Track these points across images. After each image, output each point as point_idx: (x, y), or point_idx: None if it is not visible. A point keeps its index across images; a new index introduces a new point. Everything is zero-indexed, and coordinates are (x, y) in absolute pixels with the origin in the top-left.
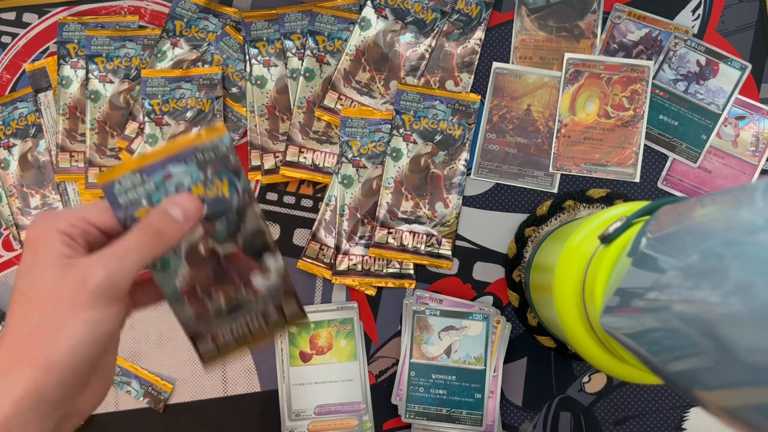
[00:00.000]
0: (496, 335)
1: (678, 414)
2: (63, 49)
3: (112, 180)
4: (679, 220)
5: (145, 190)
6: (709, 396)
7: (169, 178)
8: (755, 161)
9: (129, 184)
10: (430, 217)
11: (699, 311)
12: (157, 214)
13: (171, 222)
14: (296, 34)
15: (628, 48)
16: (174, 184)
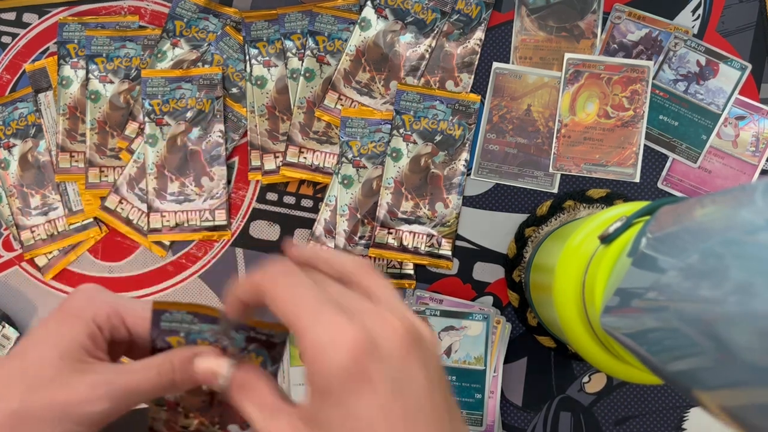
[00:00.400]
0: (496, 335)
1: (678, 414)
2: (63, 49)
3: (165, 309)
4: (679, 220)
5: (189, 327)
6: (708, 396)
7: (216, 331)
8: (755, 161)
9: (178, 319)
10: (430, 217)
11: (699, 311)
12: (183, 362)
13: (189, 374)
14: (296, 34)
15: (628, 48)
16: (216, 336)
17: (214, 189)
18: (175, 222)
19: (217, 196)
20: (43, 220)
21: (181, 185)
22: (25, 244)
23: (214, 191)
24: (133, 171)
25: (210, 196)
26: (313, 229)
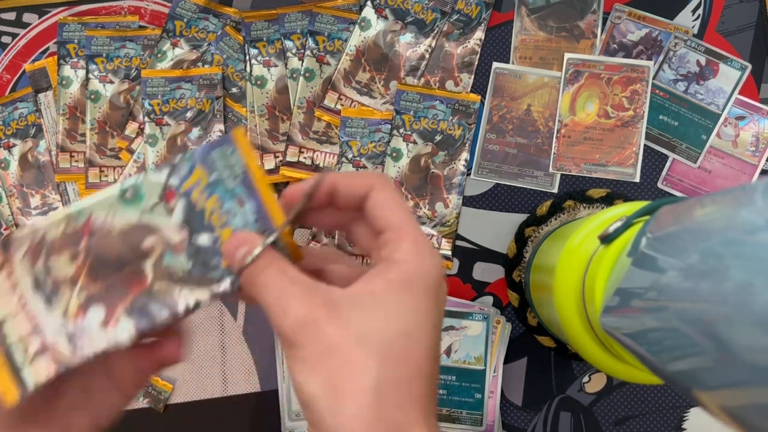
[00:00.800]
0: (496, 335)
1: (678, 414)
2: (63, 49)
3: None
4: (679, 220)
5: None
6: (708, 396)
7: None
8: (755, 161)
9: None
10: (430, 217)
11: (699, 311)
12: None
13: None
14: (296, 34)
15: (628, 48)
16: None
17: None
18: None
19: None
20: None
21: None
22: None
23: None
24: (133, 171)
25: None
26: (313, 229)
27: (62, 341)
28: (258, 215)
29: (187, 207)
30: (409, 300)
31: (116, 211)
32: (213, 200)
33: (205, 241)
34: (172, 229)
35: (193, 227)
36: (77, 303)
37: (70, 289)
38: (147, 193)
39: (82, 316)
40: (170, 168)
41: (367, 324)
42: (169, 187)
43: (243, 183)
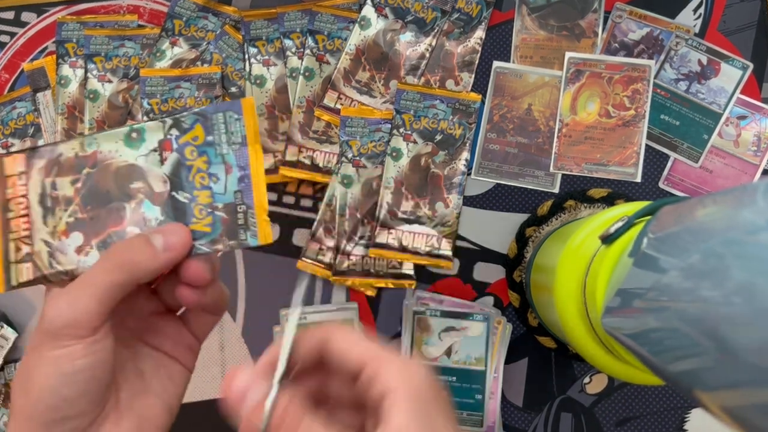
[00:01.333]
0: (496, 336)
1: (679, 415)
2: (62, 48)
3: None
4: (681, 220)
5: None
6: (710, 396)
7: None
8: (757, 161)
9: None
10: (430, 217)
11: (700, 311)
12: (134, 238)
13: (146, 250)
14: (296, 33)
15: (629, 47)
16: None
17: None
18: None
19: None
20: None
21: None
22: None
23: None
24: None
25: None
26: (312, 228)
27: (44, 254)
28: (241, 187)
29: (177, 161)
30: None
31: (119, 149)
32: (201, 160)
33: (182, 198)
34: (158, 179)
35: (175, 182)
36: (65, 224)
37: (64, 210)
38: (148, 139)
39: (66, 236)
40: (174, 119)
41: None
42: (168, 137)
43: (237, 152)
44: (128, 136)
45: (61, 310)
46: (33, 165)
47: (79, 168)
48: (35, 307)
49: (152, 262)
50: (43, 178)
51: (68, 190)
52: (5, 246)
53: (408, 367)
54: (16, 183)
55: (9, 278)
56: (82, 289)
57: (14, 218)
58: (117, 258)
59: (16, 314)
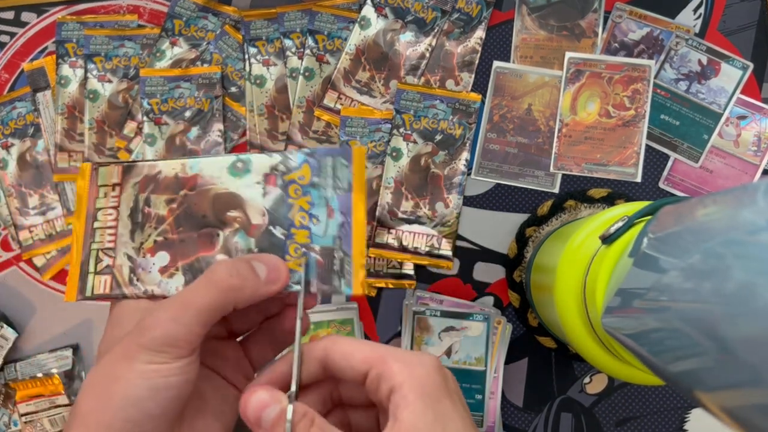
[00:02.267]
0: (496, 336)
1: (679, 415)
2: (61, 48)
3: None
4: (681, 220)
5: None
6: (710, 397)
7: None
8: (757, 161)
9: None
10: (430, 217)
11: (700, 311)
12: (240, 264)
13: (251, 278)
14: (296, 33)
15: (629, 47)
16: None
17: None
18: None
19: None
20: (42, 220)
21: None
22: (24, 244)
23: None
24: None
25: None
26: None
27: (126, 269)
28: (341, 233)
29: (280, 197)
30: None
31: (222, 176)
32: (304, 200)
33: (279, 234)
34: (257, 211)
35: (274, 217)
36: (153, 241)
37: (155, 228)
38: (254, 170)
39: (151, 254)
40: (283, 156)
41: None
42: (274, 171)
43: (341, 198)
44: (233, 165)
45: (166, 325)
46: (128, 179)
47: (177, 188)
48: (35, 307)
49: (255, 291)
50: (137, 193)
51: (162, 208)
52: (86, 255)
53: (412, 360)
54: (109, 194)
55: (84, 287)
56: (186, 308)
57: (100, 228)
58: (223, 282)
59: (16, 314)
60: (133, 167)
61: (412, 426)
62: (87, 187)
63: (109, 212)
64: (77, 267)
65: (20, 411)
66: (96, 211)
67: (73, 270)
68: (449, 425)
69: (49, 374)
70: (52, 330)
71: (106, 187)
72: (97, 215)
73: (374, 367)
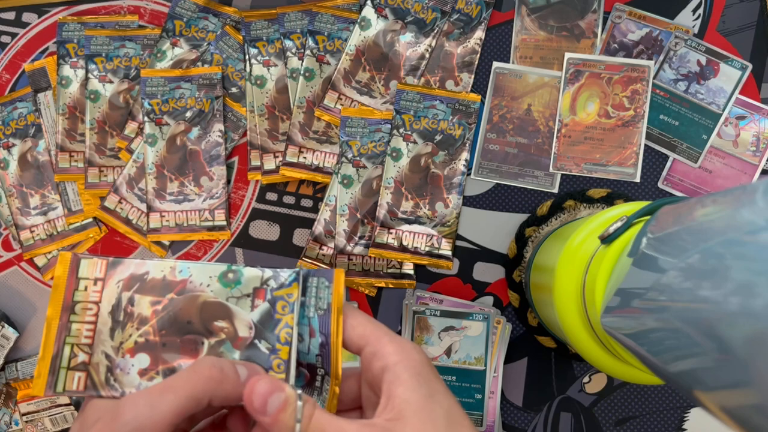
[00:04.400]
0: (496, 336)
1: (679, 414)
2: (62, 48)
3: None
4: (680, 220)
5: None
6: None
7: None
8: (756, 161)
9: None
10: (430, 217)
11: (700, 311)
12: (224, 362)
13: (232, 377)
14: (296, 33)
15: (628, 48)
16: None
17: (214, 189)
18: (175, 222)
19: (217, 196)
20: (43, 220)
21: (181, 185)
22: (25, 244)
23: (214, 191)
24: (133, 171)
25: (209, 196)
26: (312, 228)
27: (103, 368)
28: (322, 352)
29: (267, 311)
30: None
31: (212, 284)
32: (290, 317)
33: (264, 348)
34: (244, 324)
35: (260, 331)
36: (134, 342)
37: (137, 328)
38: (244, 283)
39: (131, 355)
40: (274, 272)
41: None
42: (264, 286)
43: (321, 318)
44: (224, 275)
45: (139, 410)
46: (113, 275)
47: (163, 291)
48: (36, 307)
49: (233, 390)
50: (121, 291)
51: (146, 309)
52: (58, 348)
53: (405, 345)
54: (90, 288)
55: (56, 383)
56: (164, 394)
57: (77, 322)
58: (204, 373)
59: (17, 314)
60: (119, 263)
61: (406, 401)
62: (65, 277)
63: (90, 307)
64: (47, 360)
65: (21, 410)
66: (74, 303)
67: (43, 363)
68: (442, 402)
69: None
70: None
71: (86, 281)
72: (75, 308)
73: (370, 344)
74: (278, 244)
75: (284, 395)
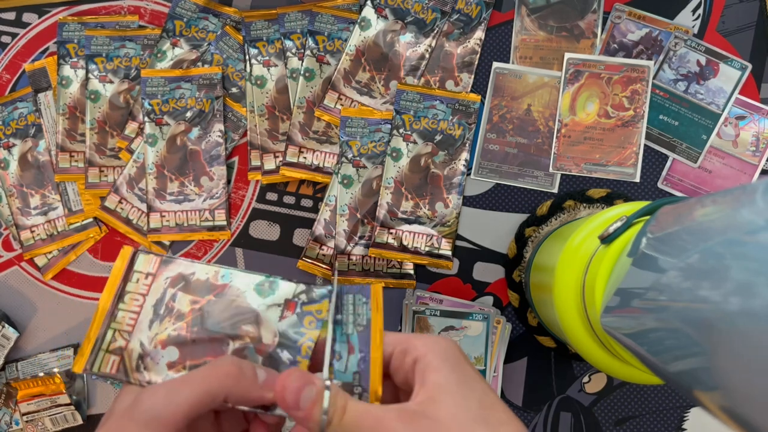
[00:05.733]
0: (496, 335)
1: (678, 414)
2: (63, 49)
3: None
4: (680, 220)
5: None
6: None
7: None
8: (755, 161)
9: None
10: (430, 217)
11: (699, 311)
12: (244, 362)
13: (250, 376)
14: (296, 34)
15: (628, 48)
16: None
17: (214, 189)
18: (175, 222)
19: (217, 196)
20: (43, 220)
21: (181, 185)
22: (25, 244)
23: (214, 191)
24: (133, 171)
25: (210, 196)
26: (312, 229)
27: (135, 355)
28: (360, 369)
29: (295, 323)
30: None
31: (248, 291)
32: (315, 333)
33: (285, 358)
34: (270, 332)
35: (284, 341)
36: (167, 335)
37: (173, 323)
38: (278, 293)
39: (162, 347)
40: (307, 287)
41: (456, 406)
42: (296, 299)
43: (361, 334)
44: (261, 284)
45: (156, 400)
46: (163, 271)
47: (204, 292)
48: (36, 307)
49: (249, 389)
50: (167, 287)
51: (185, 306)
52: (103, 331)
53: (433, 337)
54: (141, 280)
55: (93, 362)
56: (182, 386)
57: (124, 310)
58: (223, 369)
59: (17, 314)
60: (171, 262)
61: (438, 386)
62: (123, 268)
63: (137, 298)
64: (92, 340)
65: (21, 410)
66: (125, 293)
67: (88, 342)
68: (473, 385)
69: (51, 373)
70: (53, 329)
71: (140, 274)
72: (125, 297)
73: (398, 345)
74: (278, 244)
75: (316, 388)
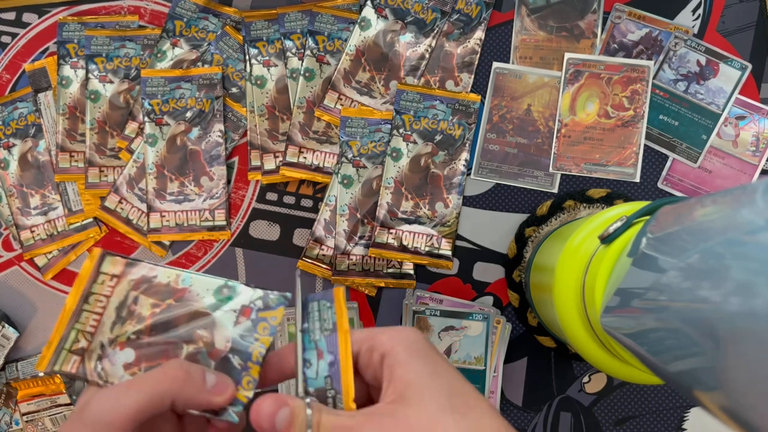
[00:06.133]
0: (496, 335)
1: (678, 414)
2: (63, 49)
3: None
4: (680, 220)
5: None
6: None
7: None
8: (755, 161)
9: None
10: (430, 217)
11: (699, 311)
12: (193, 366)
13: (198, 381)
14: (296, 34)
15: (628, 48)
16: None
17: (214, 189)
18: (175, 222)
19: (217, 196)
20: (43, 220)
21: (181, 185)
22: (25, 244)
23: (214, 191)
24: (133, 171)
25: (210, 196)
26: (312, 229)
27: (95, 356)
28: (331, 372)
29: (248, 329)
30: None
31: (206, 296)
32: (267, 339)
33: (236, 363)
34: (223, 337)
35: (236, 347)
36: (126, 338)
37: (134, 325)
38: (235, 299)
39: (120, 349)
40: (264, 293)
41: (430, 399)
42: (252, 306)
43: (329, 338)
44: (219, 289)
45: (105, 404)
46: (127, 274)
47: (165, 296)
48: (36, 308)
49: (196, 393)
50: (129, 290)
51: (146, 310)
52: (67, 332)
53: (398, 329)
54: (106, 282)
55: (55, 361)
56: (129, 390)
57: (88, 311)
58: (170, 373)
59: (17, 314)
60: (136, 265)
61: (406, 382)
62: (91, 269)
63: (101, 299)
64: (56, 341)
65: (21, 410)
66: (89, 294)
67: (52, 342)
68: (441, 373)
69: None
70: (53, 329)
71: (105, 276)
72: (89, 299)
73: (365, 343)
74: (278, 244)
75: (289, 409)
